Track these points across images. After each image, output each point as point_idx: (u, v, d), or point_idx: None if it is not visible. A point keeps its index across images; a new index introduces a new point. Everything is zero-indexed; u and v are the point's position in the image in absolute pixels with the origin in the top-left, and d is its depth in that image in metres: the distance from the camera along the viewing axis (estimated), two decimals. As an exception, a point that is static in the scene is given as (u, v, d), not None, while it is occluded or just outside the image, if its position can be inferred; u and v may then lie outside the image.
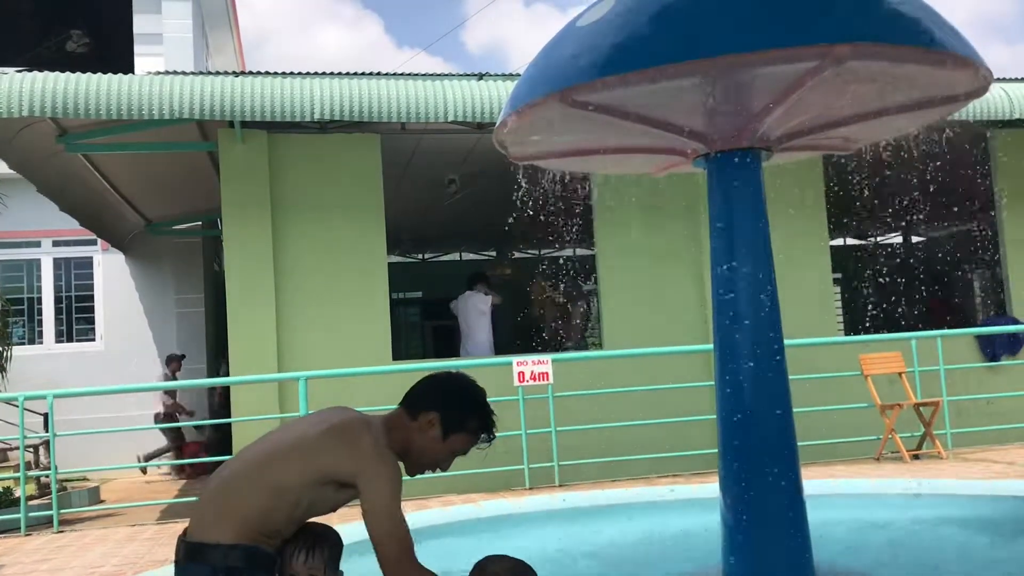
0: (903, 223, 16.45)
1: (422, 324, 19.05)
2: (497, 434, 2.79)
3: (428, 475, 2.83)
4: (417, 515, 6.93)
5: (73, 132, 8.84)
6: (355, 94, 8.30)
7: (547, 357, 8.35)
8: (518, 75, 5.63)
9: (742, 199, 4.30)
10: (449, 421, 2.63)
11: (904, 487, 7.01)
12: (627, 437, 8.63)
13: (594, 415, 8.59)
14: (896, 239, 18.87)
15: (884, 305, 13.91)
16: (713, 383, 4.48)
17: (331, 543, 2.66)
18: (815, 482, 6.45)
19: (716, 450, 4.47)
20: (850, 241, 18.49)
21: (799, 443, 4.42)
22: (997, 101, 9.28)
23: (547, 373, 8.24)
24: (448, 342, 11.60)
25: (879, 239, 18.81)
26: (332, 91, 8.28)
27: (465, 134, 9.48)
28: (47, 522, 7.81)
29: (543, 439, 8.41)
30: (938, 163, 7.51)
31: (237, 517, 2.40)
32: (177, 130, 8.87)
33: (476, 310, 10.68)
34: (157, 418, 12.45)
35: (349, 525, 3.02)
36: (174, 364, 12.91)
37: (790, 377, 4.44)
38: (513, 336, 13.39)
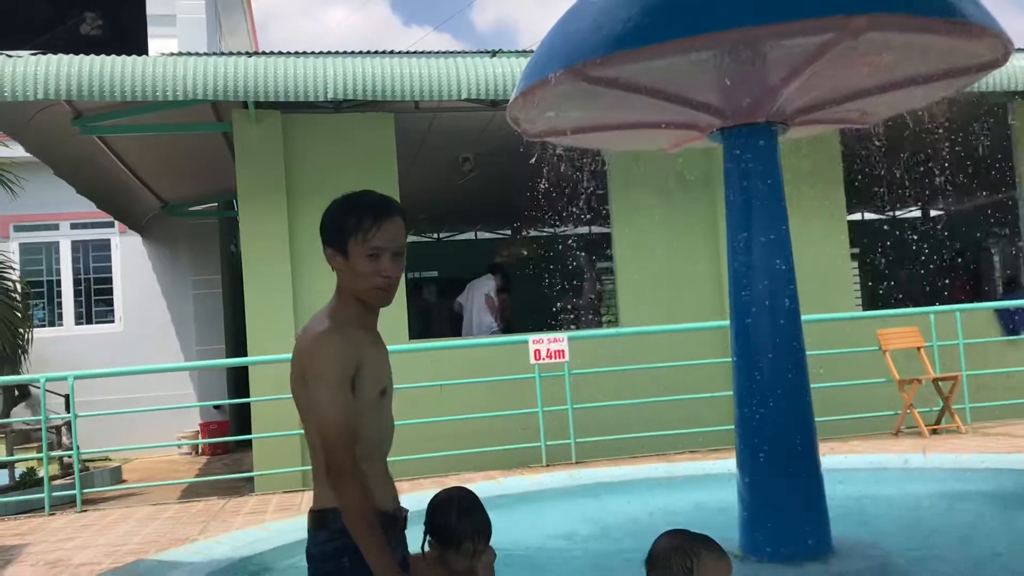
0: (923, 196, 16.30)
1: (439, 303, 19.07)
2: (378, 204, 2.41)
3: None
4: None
5: (88, 115, 8.87)
6: (368, 73, 8.28)
7: (563, 335, 8.35)
8: (532, 52, 5.62)
9: (758, 174, 4.28)
10: (336, 242, 2.39)
11: (917, 461, 7.00)
12: (643, 414, 8.63)
13: (610, 392, 8.60)
14: (915, 213, 18.71)
15: (902, 276, 13.81)
16: (730, 359, 4.48)
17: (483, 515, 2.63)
18: (832, 457, 6.44)
19: (733, 426, 4.47)
20: (868, 215, 18.34)
21: (817, 418, 4.42)
22: (1017, 71, 9.15)
23: (563, 351, 8.25)
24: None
25: (897, 213, 18.66)
26: (345, 70, 8.27)
27: (479, 112, 9.44)
28: (70, 502, 7.91)
29: (560, 417, 8.43)
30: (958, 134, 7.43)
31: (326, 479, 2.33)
32: (191, 111, 8.88)
33: (482, 298, 10.75)
34: None
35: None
36: None
37: (808, 352, 4.43)
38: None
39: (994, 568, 4.27)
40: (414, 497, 7.12)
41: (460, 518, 2.55)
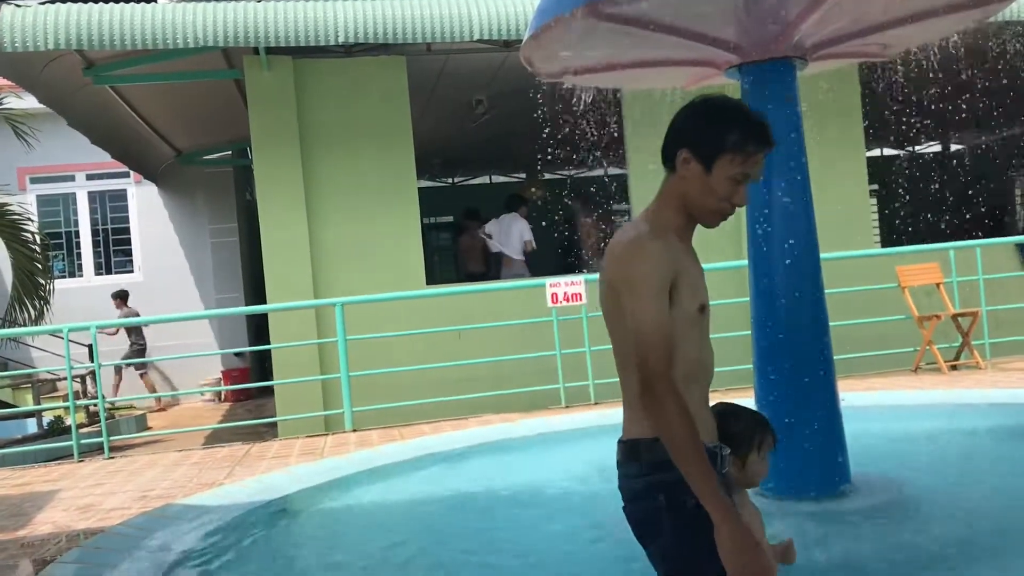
0: (943, 131, 16.06)
1: (455, 248, 19.09)
2: (767, 133, 2.14)
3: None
4: (457, 434, 7.07)
5: (100, 64, 8.82)
6: (379, 15, 8.18)
7: (580, 278, 8.34)
8: (544, -10, 5.51)
9: (777, 110, 4.22)
10: (703, 149, 2.09)
11: (931, 398, 7.02)
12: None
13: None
14: (935, 148, 18.46)
15: (921, 216, 13.69)
16: (748, 299, 4.47)
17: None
18: (852, 394, 6.46)
19: (752, 365, 4.48)
20: (888, 151, 18.12)
21: (836, 356, 4.42)
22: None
23: (580, 294, 8.25)
24: (487, 266, 11.62)
25: (917, 148, 18.42)
26: (356, 13, 8.17)
27: (492, 53, 9.33)
28: (98, 449, 8.06)
29: (578, 358, 8.47)
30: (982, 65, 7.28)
31: (639, 407, 2.07)
32: (203, 59, 8.82)
33: (518, 238, 10.70)
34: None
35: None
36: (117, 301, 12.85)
37: (826, 290, 4.41)
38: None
39: (1008, 502, 4.30)
40: (435, 439, 7.17)
41: (743, 422, 2.38)
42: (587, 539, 4.25)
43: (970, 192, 15.25)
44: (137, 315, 12.47)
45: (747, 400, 4.67)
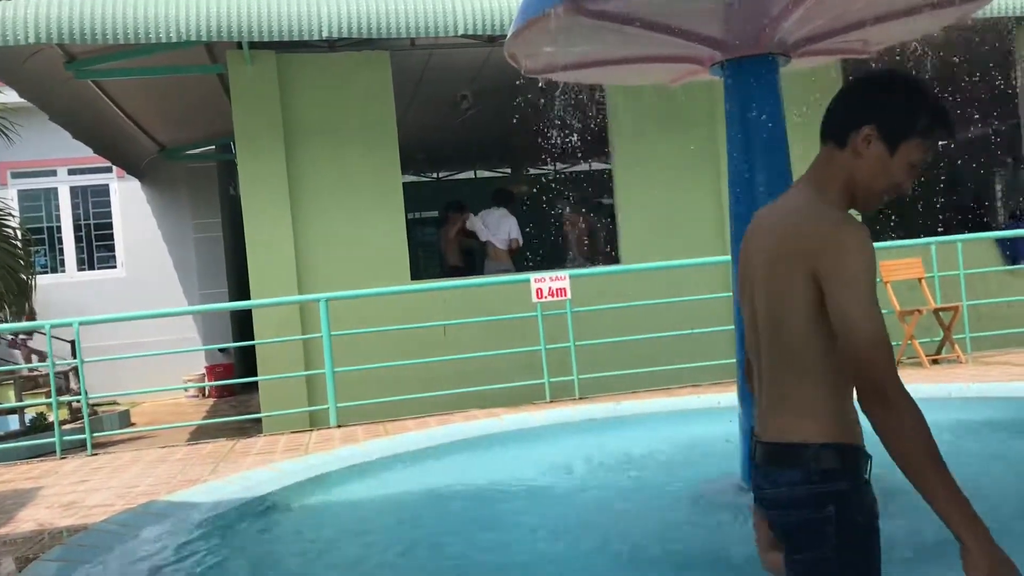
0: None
1: (439, 243, 19.03)
2: (951, 118, 1.96)
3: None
4: (442, 430, 7.07)
5: (81, 58, 8.76)
6: (363, 10, 8.16)
7: (564, 273, 8.36)
8: (529, -15, 5.50)
9: (760, 106, 4.24)
10: (891, 128, 1.91)
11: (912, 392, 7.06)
12: (645, 349, 8.69)
13: (613, 329, 8.64)
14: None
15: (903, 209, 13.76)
16: (731, 294, 4.50)
17: None
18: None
19: (734, 360, 4.50)
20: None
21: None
22: (1024, -4, 8.99)
23: (565, 289, 8.26)
24: (467, 261, 11.63)
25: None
26: (340, 7, 8.14)
27: (476, 48, 9.33)
28: (80, 446, 8.02)
29: (562, 353, 8.49)
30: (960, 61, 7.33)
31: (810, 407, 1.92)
32: (186, 53, 8.77)
33: (506, 235, 10.67)
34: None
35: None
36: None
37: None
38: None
39: (990, 497, 4.33)
40: (420, 435, 7.17)
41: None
42: (574, 535, 4.27)
43: (950, 186, 15.34)
44: None
45: (731, 394, 4.70)
